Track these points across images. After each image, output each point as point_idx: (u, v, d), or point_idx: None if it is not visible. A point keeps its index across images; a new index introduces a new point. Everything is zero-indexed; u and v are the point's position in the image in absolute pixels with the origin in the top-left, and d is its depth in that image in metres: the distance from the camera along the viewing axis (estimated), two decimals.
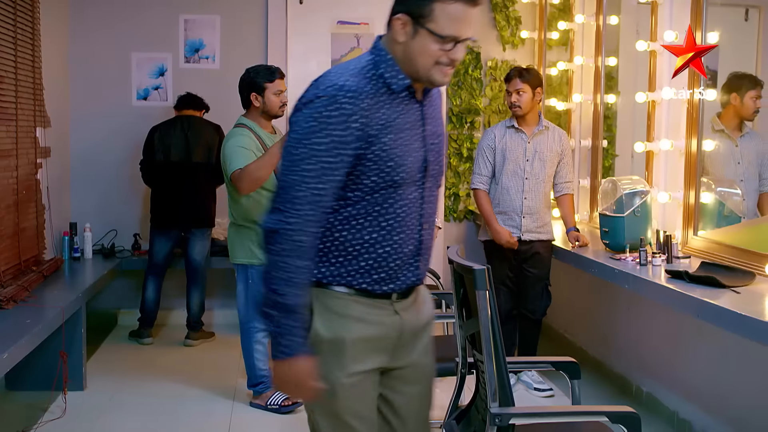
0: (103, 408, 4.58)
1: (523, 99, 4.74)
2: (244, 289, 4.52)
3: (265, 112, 4.48)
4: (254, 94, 4.46)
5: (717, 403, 3.93)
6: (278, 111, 4.50)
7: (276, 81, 4.45)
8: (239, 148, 4.33)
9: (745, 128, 4.03)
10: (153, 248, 5.85)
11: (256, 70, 4.52)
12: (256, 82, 4.45)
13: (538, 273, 4.83)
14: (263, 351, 4.53)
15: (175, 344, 5.87)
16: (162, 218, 5.78)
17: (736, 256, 3.74)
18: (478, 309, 2.45)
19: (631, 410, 2.52)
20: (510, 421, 2.47)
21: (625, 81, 5.31)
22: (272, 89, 4.45)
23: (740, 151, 4.06)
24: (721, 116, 4.05)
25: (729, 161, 4.13)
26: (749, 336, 2.97)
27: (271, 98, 4.45)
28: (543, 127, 4.82)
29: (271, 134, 4.54)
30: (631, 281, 3.86)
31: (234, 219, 4.49)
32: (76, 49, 6.26)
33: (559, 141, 4.84)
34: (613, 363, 5.02)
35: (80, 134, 6.30)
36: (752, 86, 3.89)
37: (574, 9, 5.77)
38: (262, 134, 4.46)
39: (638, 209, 4.26)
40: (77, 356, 4.76)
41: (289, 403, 4.50)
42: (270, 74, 4.46)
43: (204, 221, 5.80)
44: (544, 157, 4.79)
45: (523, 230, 4.78)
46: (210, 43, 6.41)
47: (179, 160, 5.71)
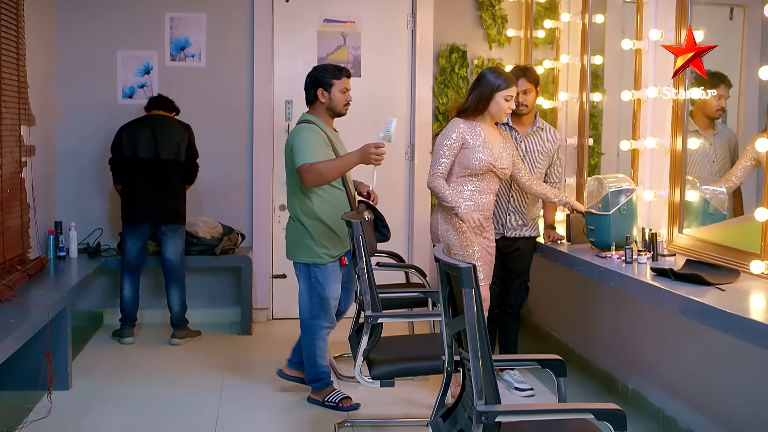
0: (89, 407, 4.56)
1: (529, 99, 4.75)
2: (306, 287, 4.55)
3: (330, 109, 4.53)
4: (321, 90, 4.51)
5: (702, 400, 3.94)
6: (342, 109, 4.54)
7: (343, 79, 4.50)
8: (309, 142, 4.40)
9: (716, 127, 4.06)
10: (125, 246, 5.85)
11: (324, 66, 4.58)
12: (324, 79, 4.50)
13: (519, 268, 4.86)
14: (325, 348, 4.61)
15: (162, 343, 5.86)
16: (130, 214, 5.77)
17: (721, 254, 3.76)
18: (465, 307, 2.45)
19: (616, 408, 2.52)
20: (496, 419, 2.47)
21: (611, 79, 5.32)
22: (339, 86, 4.49)
23: (714, 150, 4.09)
24: (693, 116, 4.08)
25: (705, 161, 4.17)
26: (734, 333, 2.99)
27: (337, 95, 4.49)
28: (537, 127, 4.83)
29: (334, 132, 4.58)
30: (616, 279, 3.88)
31: (296, 214, 4.53)
32: (62, 47, 6.23)
33: (552, 143, 4.84)
34: (599, 361, 5.04)
35: (65, 132, 6.27)
36: (715, 85, 3.91)
37: (560, 7, 5.79)
38: (326, 131, 4.51)
39: (624, 207, 4.27)
40: (62, 355, 4.73)
41: (348, 404, 4.49)
42: (338, 71, 4.51)
43: (172, 217, 5.77)
44: (535, 158, 4.80)
45: (507, 228, 4.79)
46: (196, 42, 6.39)
47: (147, 157, 5.71)
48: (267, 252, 6.49)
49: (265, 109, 6.43)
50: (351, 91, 4.58)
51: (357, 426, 4.27)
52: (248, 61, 6.40)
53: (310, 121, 4.51)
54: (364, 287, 3.77)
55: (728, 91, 3.94)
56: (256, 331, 6.21)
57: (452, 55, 6.48)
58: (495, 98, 4.32)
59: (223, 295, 6.53)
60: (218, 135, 6.40)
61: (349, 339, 4.09)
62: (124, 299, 5.88)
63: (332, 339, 5.91)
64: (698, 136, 4.10)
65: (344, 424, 4.26)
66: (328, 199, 4.47)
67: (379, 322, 3.71)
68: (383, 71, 6.51)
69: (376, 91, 6.49)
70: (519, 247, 4.85)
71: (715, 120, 4.05)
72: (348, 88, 4.53)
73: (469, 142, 4.32)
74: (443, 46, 6.51)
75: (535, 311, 6.15)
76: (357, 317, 4.08)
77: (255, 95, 6.41)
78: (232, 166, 6.45)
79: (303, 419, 4.40)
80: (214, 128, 6.39)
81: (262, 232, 6.48)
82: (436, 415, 2.90)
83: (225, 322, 6.45)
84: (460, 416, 2.79)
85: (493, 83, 4.32)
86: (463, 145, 4.34)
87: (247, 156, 6.45)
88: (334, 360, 5.36)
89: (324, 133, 4.48)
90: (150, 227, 5.80)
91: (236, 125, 6.44)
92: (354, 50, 6.43)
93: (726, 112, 4.03)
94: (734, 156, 4.03)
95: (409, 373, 3.93)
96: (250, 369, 5.43)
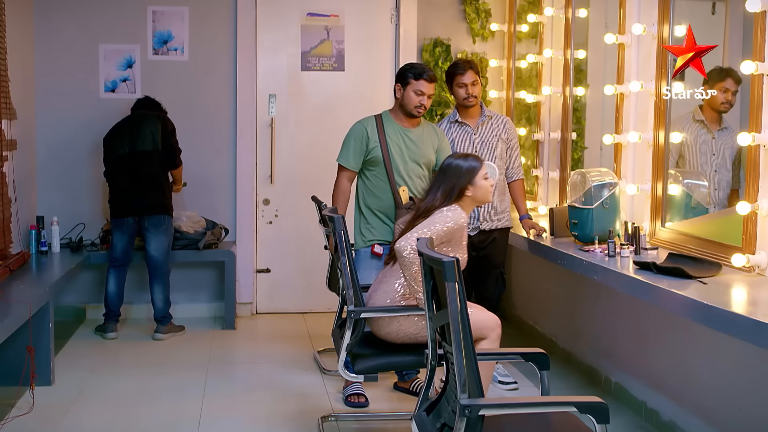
0: (72, 403, 4.54)
1: (477, 90, 4.77)
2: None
3: (402, 106, 4.51)
4: (398, 85, 4.51)
5: (684, 392, 3.97)
6: (412, 109, 4.48)
7: (421, 81, 4.43)
8: (346, 141, 4.55)
9: (723, 123, 4.08)
10: (112, 241, 5.83)
11: (411, 64, 4.59)
12: (404, 74, 4.50)
13: (494, 260, 4.87)
14: None
15: (145, 338, 5.83)
16: (115, 208, 5.77)
17: (703, 247, 3.78)
18: (448, 301, 2.46)
19: (599, 400, 2.54)
20: (479, 413, 2.47)
21: (594, 74, 5.34)
22: (414, 86, 4.44)
23: (717, 144, 4.11)
24: (702, 108, 4.10)
25: (705, 152, 4.18)
26: (715, 326, 3.01)
27: (410, 94, 4.45)
28: (486, 117, 4.84)
29: (409, 128, 4.55)
30: (599, 273, 3.89)
31: (356, 200, 4.62)
32: (43, 41, 6.18)
33: (504, 128, 4.87)
34: (583, 354, 5.06)
35: (47, 126, 6.23)
36: (721, 79, 3.93)
37: (543, 2, 5.79)
38: (391, 126, 4.51)
39: (607, 201, 4.29)
40: (45, 351, 4.70)
41: (354, 400, 4.47)
42: (418, 72, 4.47)
43: (153, 207, 5.74)
44: (493, 146, 4.82)
45: (481, 220, 4.81)
46: (179, 35, 6.36)
47: (124, 153, 5.71)
48: (251, 246, 6.48)
49: (249, 103, 6.41)
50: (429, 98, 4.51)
51: (341, 420, 4.27)
52: (231, 55, 6.38)
53: (379, 114, 4.57)
54: (346, 282, 3.77)
55: (737, 85, 3.94)
56: (239, 326, 6.20)
57: (436, 49, 6.48)
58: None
59: (207, 289, 6.51)
60: (201, 129, 6.38)
61: (332, 334, 4.09)
62: (108, 294, 5.85)
63: (316, 333, 5.94)
64: (703, 127, 4.12)
65: (328, 418, 4.26)
66: (371, 189, 4.49)
67: (362, 317, 3.71)
68: (367, 65, 6.50)
69: (360, 85, 6.48)
70: (495, 237, 4.87)
71: (722, 113, 4.07)
72: (423, 92, 4.43)
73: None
74: (427, 40, 6.51)
75: (518, 304, 6.16)
76: (340, 312, 4.08)
77: (238, 89, 6.38)
78: (215, 160, 6.42)
79: (287, 413, 4.40)
80: (198, 122, 6.37)
81: (245, 227, 6.46)
82: (419, 408, 2.90)
83: (209, 316, 6.43)
84: (443, 410, 2.79)
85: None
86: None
87: (230, 150, 6.43)
88: (318, 354, 5.36)
89: (382, 128, 4.49)
90: (134, 221, 5.77)
91: (219, 119, 6.41)
92: (338, 44, 6.42)
93: (732, 106, 4.04)
94: (736, 153, 4.04)
95: (393, 367, 3.95)
96: (234, 364, 5.43)
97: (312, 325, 6.20)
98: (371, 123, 4.53)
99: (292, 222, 6.53)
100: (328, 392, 4.69)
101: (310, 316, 6.49)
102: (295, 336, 5.92)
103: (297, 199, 6.38)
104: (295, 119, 6.49)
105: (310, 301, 6.55)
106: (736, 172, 4.01)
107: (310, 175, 6.34)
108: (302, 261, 6.50)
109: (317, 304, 6.51)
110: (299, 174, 6.47)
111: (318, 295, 6.28)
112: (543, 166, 5.75)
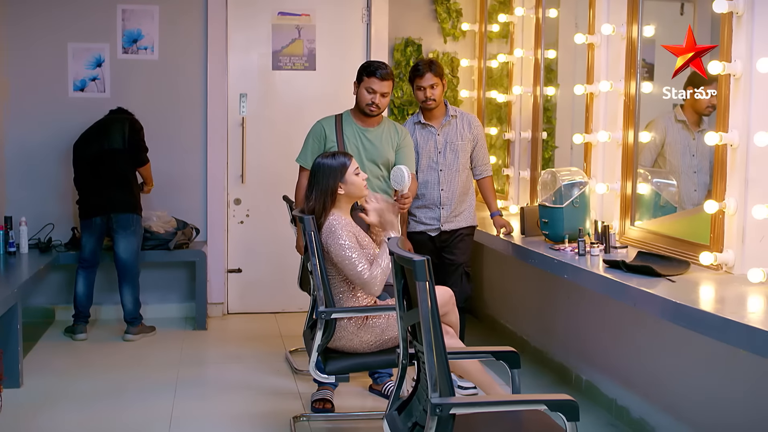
0: (41, 405, 4.49)
1: (437, 92, 4.75)
2: None
3: (357, 105, 4.50)
4: (355, 83, 4.50)
5: (654, 390, 4.00)
6: (365, 107, 4.44)
7: (372, 79, 4.39)
8: (306, 138, 4.56)
9: (703, 124, 4.11)
10: (81, 242, 5.79)
11: (368, 62, 4.57)
12: (359, 72, 4.48)
13: (457, 259, 4.85)
14: None
15: (116, 339, 5.79)
16: (83, 208, 5.74)
17: (672, 246, 3.82)
18: (419, 300, 2.46)
19: (569, 398, 2.55)
20: (450, 411, 2.49)
21: (564, 73, 5.37)
22: (366, 83, 4.41)
23: (696, 144, 4.14)
24: (684, 108, 4.13)
25: (686, 152, 4.22)
26: (684, 324, 3.03)
27: (362, 92, 4.43)
28: (450, 116, 4.84)
29: (367, 128, 4.51)
30: (569, 271, 3.91)
31: None
32: (11, 38, 6.11)
33: (469, 127, 4.86)
34: (553, 352, 5.09)
35: (15, 125, 6.16)
36: (705, 82, 3.97)
37: (514, 2, 5.81)
38: (350, 126, 4.49)
39: (577, 200, 4.31)
40: (13, 353, 4.65)
41: (320, 406, 4.37)
42: (371, 69, 4.43)
43: (119, 205, 5.70)
44: (456, 147, 4.81)
45: (442, 221, 4.81)
46: (149, 34, 6.31)
47: (90, 153, 5.70)
48: (222, 246, 6.45)
49: (219, 103, 6.38)
50: (373, 94, 4.43)
51: (313, 420, 4.27)
52: (202, 54, 6.35)
53: (339, 114, 4.55)
54: (317, 283, 3.76)
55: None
56: (210, 326, 6.17)
57: (407, 48, 6.49)
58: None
59: (178, 290, 6.47)
60: (172, 128, 6.34)
61: (304, 335, 4.07)
62: (77, 295, 5.80)
63: (287, 333, 5.93)
64: (684, 128, 4.15)
65: (300, 418, 4.25)
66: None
67: (333, 317, 3.71)
68: (338, 64, 6.48)
69: (331, 84, 6.46)
70: (459, 236, 4.85)
71: (704, 116, 4.10)
72: (375, 90, 4.39)
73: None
74: (398, 40, 6.51)
75: (489, 303, 6.19)
76: (311, 313, 4.07)
77: (209, 88, 6.35)
78: (186, 159, 6.39)
79: (259, 413, 4.38)
80: (168, 121, 6.33)
81: (216, 227, 6.43)
82: (391, 408, 2.91)
83: (179, 317, 6.40)
84: (415, 409, 2.80)
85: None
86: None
87: (201, 149, 6.39)
88: (289, 354, 5.35)
89: (340, 127, 4.47)
90: (103, 221, 5.72)
91: (190, 118, 6.38)
92: (309, 43, 6.40)
93: (715, 110, 4.07)
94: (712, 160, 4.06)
95: (365, 368, 3.94)
96: (205, 364, 5.40)
97: (284, 325, 6.18)
98: (330, 122, 4.51)
99: (264, 222, 6.51)
100: (300, 392, 4.68)
101: (282, 316, 6.47)
102: (267, 336, 5.91)
103: (268, 198, 6.36)
104: (267, 119, 6.47)
105: (282, 301, 6.53)
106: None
107: (281, 174, 6.31)
108: (274, 261, 6.48)
109: (289, 304, 6.49)
110: (270, 174, 6.46)
111: (289, 295, 6.27)
112: (514, 165, 5.78)
